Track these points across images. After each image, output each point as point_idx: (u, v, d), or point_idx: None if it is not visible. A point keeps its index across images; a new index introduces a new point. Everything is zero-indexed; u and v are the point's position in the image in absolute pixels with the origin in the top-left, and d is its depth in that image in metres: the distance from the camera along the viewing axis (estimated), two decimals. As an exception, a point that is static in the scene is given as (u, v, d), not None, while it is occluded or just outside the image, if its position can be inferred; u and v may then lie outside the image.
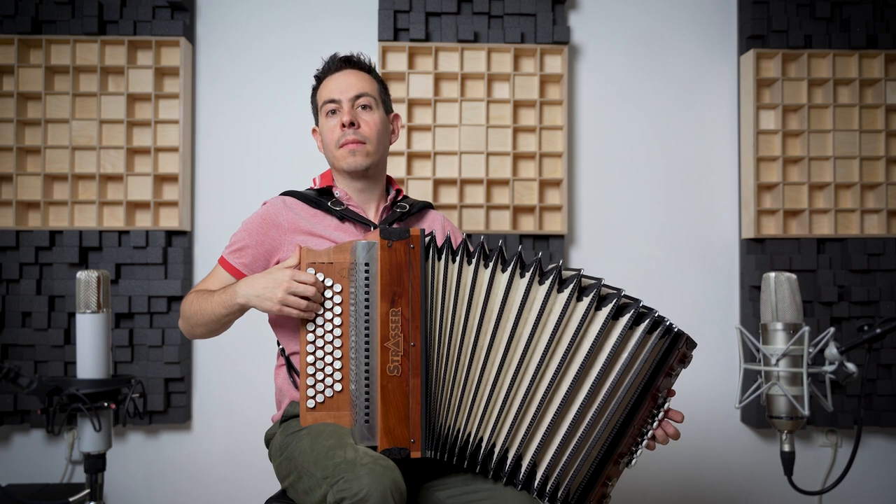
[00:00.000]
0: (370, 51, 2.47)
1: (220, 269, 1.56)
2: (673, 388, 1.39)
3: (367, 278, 1.31)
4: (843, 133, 2.48)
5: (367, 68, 1.63)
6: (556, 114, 2.49)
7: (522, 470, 1.31)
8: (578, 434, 1.30)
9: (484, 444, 1.32)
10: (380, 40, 2.44)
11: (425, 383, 1.29)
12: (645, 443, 1.37)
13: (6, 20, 2.37)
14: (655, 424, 1.36)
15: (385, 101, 1.65)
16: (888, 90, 2.49)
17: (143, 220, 2.43)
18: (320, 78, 1.64)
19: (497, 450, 1.32)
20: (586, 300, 1.29)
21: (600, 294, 1.31)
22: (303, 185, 1.68)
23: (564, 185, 2.45)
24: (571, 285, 1.30)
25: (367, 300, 1.30)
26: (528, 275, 1.31)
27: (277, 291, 1.34)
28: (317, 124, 1.66)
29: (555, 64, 2.50)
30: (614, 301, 1.29)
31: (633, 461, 1.37)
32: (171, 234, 2.41)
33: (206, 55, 2.51)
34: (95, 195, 2.37)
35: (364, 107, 1.58)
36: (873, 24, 2.48)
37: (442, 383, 1.31)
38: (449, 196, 2.45)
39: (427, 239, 1.33)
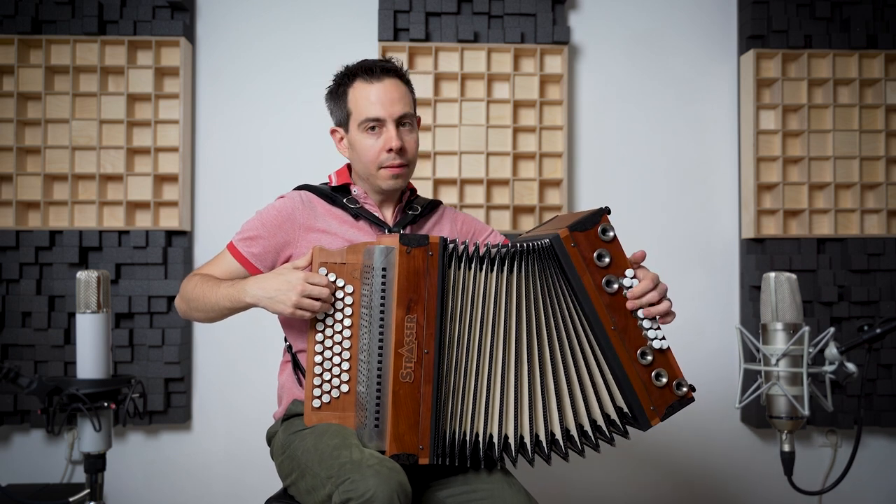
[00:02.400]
0: (370, 51, 2.48)
1: (228, 255, 1.53)
2: (626, 258, 1.38)
3: (383, 283, 1.30)
4: (843, 133, 2.48)
5: (404, 77, 1.55)
6: (556, 114, 2.49)
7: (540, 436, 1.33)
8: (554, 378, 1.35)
9: (484, 438, 1.32)
10: (380, 40, 2.44)
11: (436, 390, 1.29)
12: (653, 326, 1.36)
13: (6, 20, 2.37)
14: (637, 304, 1.35)
15: (416, 111, 1.60)
16: (888, 90, 2.49)
17: (143, 220, 2.43)
18: (349, 78, 1.52)
19: (498, 437, 1.33)
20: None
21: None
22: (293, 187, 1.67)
23: (564, 185, 2.45)
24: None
25: (382, 305, 1.30)
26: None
27: (291, 294, 1.32)
28: (340, 126, 1.57)
29: (555, 64, 2.50)
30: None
31: (659, 344, 1.35)
32: (171, 234, 2.41)
33: (206, 55, 2.51)
34: (95, 195, 2.37)
35: (407, 125, 1.51)
36: (873, 24, 2.48)
37: (453, 390, 1.31)
38: (449, 196, 2.45)
39: (445, 246, 1.32)
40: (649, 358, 1.34)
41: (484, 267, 1.34)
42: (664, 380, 1.35)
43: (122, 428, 2.43)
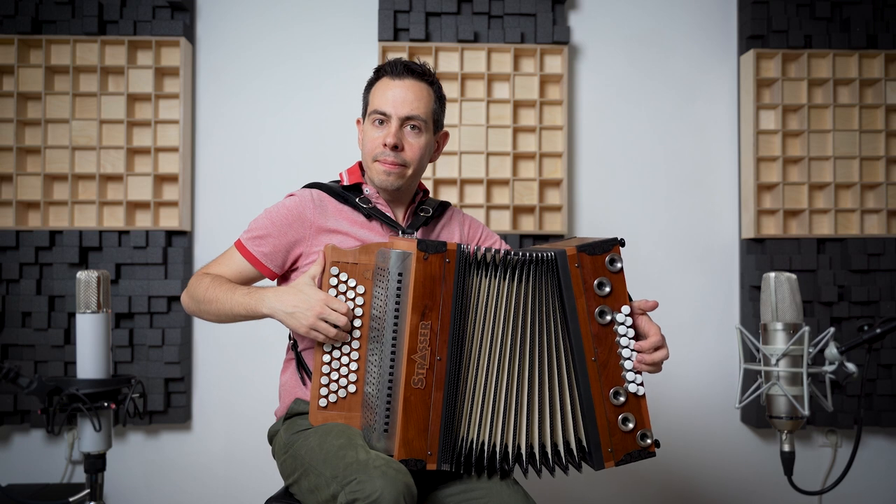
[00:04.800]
0: (370, 51, 2.48)
1: (237, 253, 1.51)
2: (629, 297, 1.35)
3: (398, 289, 1.29)
4: (843, 133, 2.48)
5: (430, 80, 1.54)
6: (556, 114, 2.49)
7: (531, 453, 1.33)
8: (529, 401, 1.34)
9: (498, 448, 1.32)
10: (380, 40, 2.44)
11: (447, 397, 1.28)
12: (632, 366, 1.34)
13: (6, 20, 2.37)
14: (625, 342, 1.33)
15: (438, 119, 1.57)
16: (888, 90, 2.49)
17: (143, 220, 2.43)
18: (379, 73, 1.55)
19: (509, 448, 1.33)
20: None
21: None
22: (303, 185, 1.66)
23: (564, 185, 2.45)
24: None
25: (396, 311, 1.29)
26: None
27: (309, 315, 1.31)
28: (363, 117, 1.58)
29: (555, 64, 2.50)
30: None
31: (635, 389, 1.33)
32: (171, 234, 2.41)
33: (206, 55, 2.51)
34: (95, 195, 2.37)
35: (413, 127, 1.50)
36: (873, 24, 2.48)
37: (464, 397, 1.31)
38: (449, 196, 2.45)
39: (463, 253, 1.32)
40: (622, 399, 1.32)
41: (495, 275, 1.34)
42: (630, 425, 1.33)
43: (122, 428, 2.43)
